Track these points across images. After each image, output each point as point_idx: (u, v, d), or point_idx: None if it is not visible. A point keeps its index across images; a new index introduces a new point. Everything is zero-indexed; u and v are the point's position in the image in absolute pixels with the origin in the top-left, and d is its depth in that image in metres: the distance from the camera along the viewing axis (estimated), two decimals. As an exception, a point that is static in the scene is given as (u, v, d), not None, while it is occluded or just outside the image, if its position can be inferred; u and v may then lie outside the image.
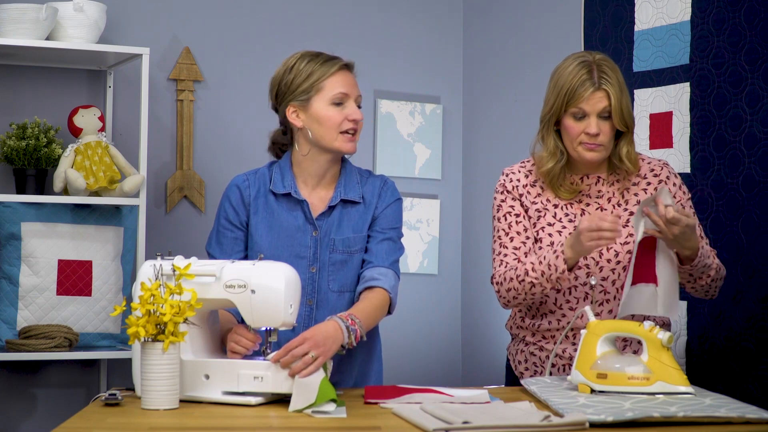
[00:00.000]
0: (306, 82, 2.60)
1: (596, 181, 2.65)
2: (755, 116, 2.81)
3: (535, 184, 2.67)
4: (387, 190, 2.69)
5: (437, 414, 2.03)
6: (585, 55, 2.59)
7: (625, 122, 2.56)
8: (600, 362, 2.31)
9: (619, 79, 2.56)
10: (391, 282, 2.60)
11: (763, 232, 2.78)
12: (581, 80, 2.54)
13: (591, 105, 2.54)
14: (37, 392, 3.81)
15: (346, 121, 2.58)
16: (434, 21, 4.30)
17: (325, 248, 2.61)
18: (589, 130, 2.54)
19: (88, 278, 3.64)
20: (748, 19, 2.84)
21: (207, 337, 2.38)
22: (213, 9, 4.01)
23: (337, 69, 2.60)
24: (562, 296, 2.61)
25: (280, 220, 2.62)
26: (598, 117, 2.55)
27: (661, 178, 2.65)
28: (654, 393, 2.23)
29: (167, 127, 3.94)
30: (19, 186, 3.63)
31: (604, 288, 2.60)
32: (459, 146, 4.31)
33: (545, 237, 2.62)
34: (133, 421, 2.08)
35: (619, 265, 2.60)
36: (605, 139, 2.56)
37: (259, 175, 2.68)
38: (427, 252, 4.20)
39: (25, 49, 3.54)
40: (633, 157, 2.62)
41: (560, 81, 2.58)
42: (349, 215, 2.64)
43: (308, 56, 2.64)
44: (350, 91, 2.59)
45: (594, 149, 2.57)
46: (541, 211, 2.65)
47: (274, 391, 2.26)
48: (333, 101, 2.58)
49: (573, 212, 2.64)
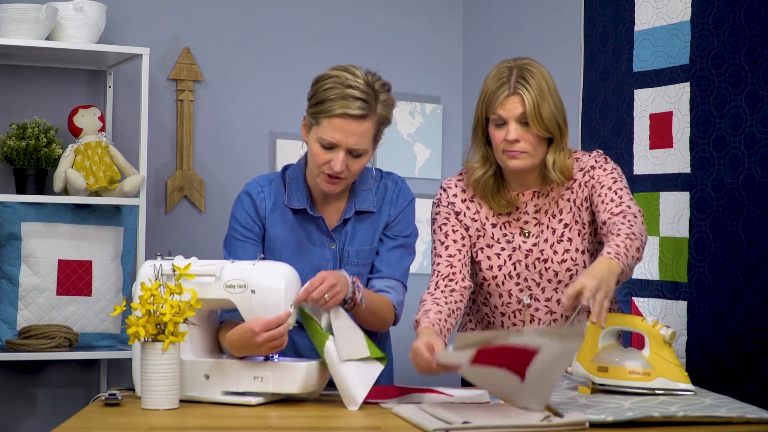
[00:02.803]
0: (315, 107, 2.47)
1: (532, 196, 2.58)
2: (755, 116, 2.81)
3: (473, 199, 2.62)
4: (400, 194, 2.64)
5: (437, 414, 2.03)
6: (510, 61, 2.53)
7: (546, 129, 2.47)
8: (601, 355, 2.31)
9: (540, 83, 2.47)
10: (398, 297, 2.60)
11: (763, 232, 2.78)
12: (497, 85, 2.48)
13: (507, 110, 2.47)
14: (37, 392, 3.81)
15: (327, 166, 2.47)
16: (434, 21, 4.30)
17: (341, 261, 2.59)
18: (507, 137, 2.47)
19: (88, 278, 3.64)
20: (748, 19, 2.84)
21: (207, 337, 2.38)
22: (213, 9, 4.01)
23: (340, 115, 2.42)
24: (507, 319, 2.61)
25: (299, 235, 2.58)
26: (518, 123, 2.47)
27: (585, 169, 2.55)
28: (654, 389, 2.24)
29: (167, 127, 3.94)
30: (19, 186, 3.63)
31: (549, 308, 2.58)
32: (459, 146, 4.32)
33: (483, 259, 2.59)
34: (133, 421, 2.08)
35: (561, 284, 2.56)
36: (527, 146, 2.48)
37: (273, 186, 2.60)
38: (427, 252, 4.20)
39: (25, 49, 3.54)
40: (564, 166, 2.52)
41: (483, 86, 2.53)
42: (362, 226, 2.60)
43: (337, 81, 2.45)
44: (342, 141, 2.43)
45: (515, 156, 2.49)
46: (480, 230, 2.60)
47: (274, 391, 2.26)
48: (321, 143, 2.46)
49: (511, 232, 2.59)
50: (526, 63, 2.51)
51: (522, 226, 2.58)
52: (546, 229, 2.56)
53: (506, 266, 2.57)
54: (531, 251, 2.56)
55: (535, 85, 2.46)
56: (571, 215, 2.56)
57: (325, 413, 2.21)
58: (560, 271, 2.56)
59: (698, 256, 2.96)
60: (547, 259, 2.55)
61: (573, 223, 2.56)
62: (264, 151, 4.06)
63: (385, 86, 2.50)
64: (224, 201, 3.91)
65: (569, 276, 2.54)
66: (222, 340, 2.41)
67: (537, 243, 2.56)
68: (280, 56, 4.08)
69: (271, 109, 4.06)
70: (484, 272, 2.58)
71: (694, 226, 2.98)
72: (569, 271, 2.55)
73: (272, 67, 4.07)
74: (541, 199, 2.58)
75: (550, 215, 2.56)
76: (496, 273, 2.57)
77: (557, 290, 2.56)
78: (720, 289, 2.90)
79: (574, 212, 2.56)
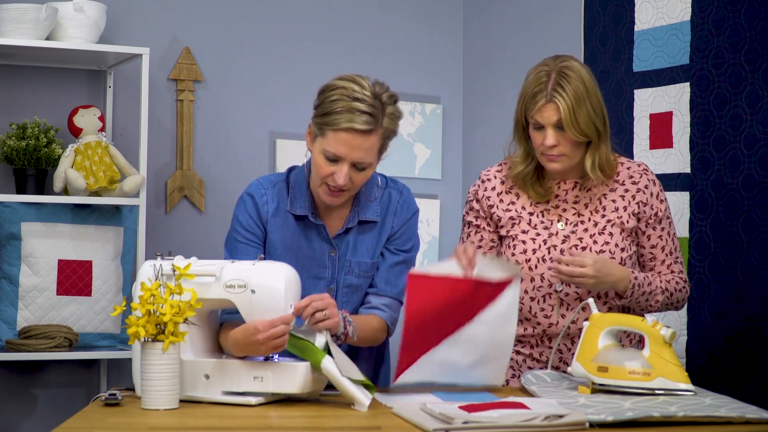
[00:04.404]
0: (321, 118, 2.44)
1: (573, 186, 2.61)
2: (755, 116, 2.81)
3: (510, 190, 2.64)
4: (404, 205, 2.62)
5: (437, 414, 2.03)
6: (548, 63, 2.52)
7: (583, 133, 2.49)
8: (601, 355, 2.31)
9: (577, 88, 2.47)
10: (393, 316, 2.60)
11: (763, 232, 2.78)
12: (534, 92, 2.49)
13: (544, 117, 2.49)
14: (37, 392, 3.81)
15: (331, 178, 2.44)
16: (434, 21, 4.30)
17: (341, 269, 2.58)
18: (546, 142, 2.50)
19: (88, 278, 3.64)
20: (748, 19, 2.84)
21: (207, 337, 2.38)
22: (213, 9, 4.01)
23: (346, 129, 2.39)
24: (536, 304, 2.60)
25: (300, 241, 2.56)
26: (555, 128, 2.49)
27: (639, 186, 2.60)
28: (654, 389, 2.24)
29: (167, 127, 3.94)
30: (19, 186, 3.63)
31: (579, 295, 2.58)
32: (459, 146, 4.32)
33: (518, 244, 2.60)
34: (133, 421, 2.08)
35: None
36: (566, 150, 2.51)
37: (277, 189, 2.57)
38: (427, 252, 4.20)
39: (25, 49, 3.54)
40: (604, 166, 2.55)
41: (523, 87, 2.54)
42: (365, 237, 2.59)
43: (344, 93, 2.41)
44: (347, 155, 2.40)
45: (554, 160, 2.52)
46: (516, 218, 2.62)
47: (274, 391, 2.26)
48: (325, 155, 2.43)
49: (549, 219, 2.61)
50: (564, 66, 2.50)
51: (560, 213, 2.61)
52: (587, 220, 2.59)
53: (540, 250, 2.59)
54: (569, 237, 2.59)
55: (571, 91, 2.46)
56: (616, 214, 2.58)
57: (325, 413, 2.21)
58: None
59: (698, 256, 2.97)
60: (586, 247, 2.57)
61: (617, 223, 2.58)
62: (264, 151, 4.06)
63: (393, 98, 2.47)
64: (224, 201, 3.91)
65: None
66: (223, 340, 2.40)
67: (575, 231, 2.59)
68: (280, 56, 4.08)
69: (271, 109, 4.06)
70: (518, 256, 2.60)
71: (694, 226, 2.98)
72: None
73: (272, 67, 4.07)
74: (582, 192, 2.61)
75: (591, 209, 2.60)
76: (530, 256, 2.59)
77: None
78: (720, 289, 2.90)
79: (620, 215, 2.59)
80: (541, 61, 2.56)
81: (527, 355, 2.64)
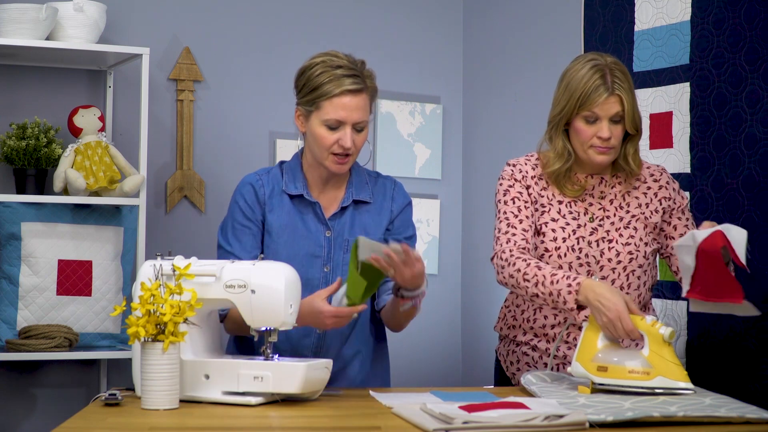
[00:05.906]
0: (311, 95, 2.57)
1: (599, 181, 2.68)
2: (755, 116, 2.81)
3: (541, 177, 2.69)
4: (399, 192, 2.71)
5: (437, 414, 2.03)
6: (597, 57, 2.60)
7: (636, 126, 2.60)
8: (601, 355, 2.31)
9: (630, 83, 2.59)
10: None
11: (763, 232, 2.78)
12: (595, 85, 2.56)
13: (604, 110, 2.56)
14: (37, 392, 3.81)
15: (337, 145, 2.55)
16: (434, 21, 4.30)
17: (338, 248, 2.62)
18: (602, 134, 2.57)
19: (88, 278, 3.64)
20: (748, 19, 2.84)
21: (207, 337, 2.38)
22: (213, 9, 4.01)
23: (340, 93, 2.54)
24: None
25: (295, 220, 2.63)
26: (610, 121, 2.58)
27: (661, 183, 2.70)
28: (654, 388, 2.24)
29: (167, 127, 3.94)
30: (19, 186, 3.63)
31: None
32: (459, 146, 4.31)
33: (548, 231, 2.64)
34: (133, 421, 2.08)
35: (620, 265, 2.62)
36: (616, 143, 2.60)
37: (271, 175, 2.67)
38: (427, 252, 4.20)
39: (25, 49, 3.54)
40: (638, 160, 2.67)
41: (572, 84, 2.59)
42: (361, 216, 2.65)
43: (325, 65, 2.58)
44: (347, 117, 2.54)
45: (605, 152, 2.60)
46: (546, 205, 2.66)
47: (274, 391, 2.26)
48: (327, 124, 2.55)
49: (577, 210, 2.66)
50: (613, 62, 2.60)
51: (587, 207, 2.67)
52: (613, 215, 2.66)
53: (570, 239, 2.63)
54: (596, 230, 2.65)
55: (628, 85, 2.58)
56: (639, 210, 2.67)
57: (325, 413, 2.21)
58: (622, 252, 2.64)
59: (698, 256, 2.96)
60: (612, 240, 2.64)
61: (642, 219, 2.66)
62: (264, 151, 4.06)
63: (363, 62, 2.63)
64: (224, 201, 3.88)
65: (629, 259, 2.63)
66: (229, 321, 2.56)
67: (602, 224, 2.65)
68: (280, 56, 4.07)
69: (271, 109, 4.06)
70: (547, 243, 2.64)
71: (694, 226, 2.98)
72: (630, 254, 2.63)
73: (272, 67, 4.07)
74: (606, 188, 2.68)
75: (616, 205, 2.67)
76: (559, 244, 2.63)
77: (614, 270, 2.63)
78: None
79: (643, 210, 2.67)
80: (580, 59, 2.62)
81: (544, 350, 2.65)
